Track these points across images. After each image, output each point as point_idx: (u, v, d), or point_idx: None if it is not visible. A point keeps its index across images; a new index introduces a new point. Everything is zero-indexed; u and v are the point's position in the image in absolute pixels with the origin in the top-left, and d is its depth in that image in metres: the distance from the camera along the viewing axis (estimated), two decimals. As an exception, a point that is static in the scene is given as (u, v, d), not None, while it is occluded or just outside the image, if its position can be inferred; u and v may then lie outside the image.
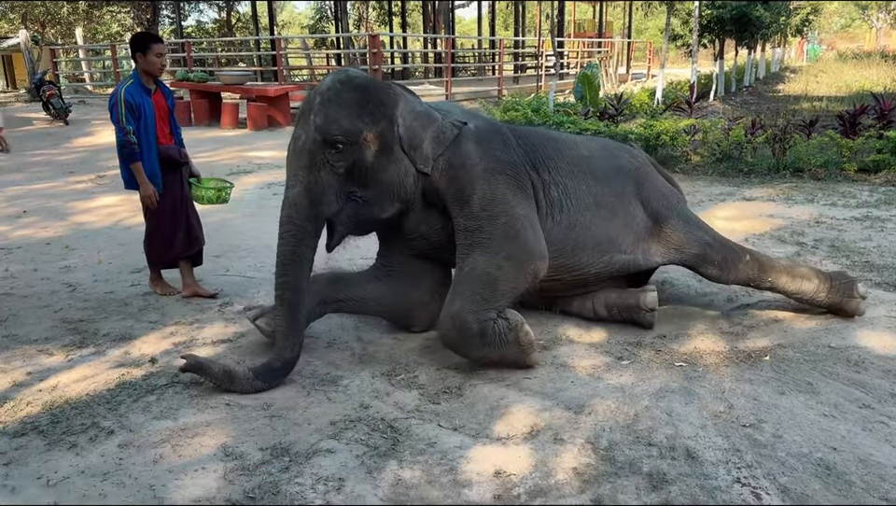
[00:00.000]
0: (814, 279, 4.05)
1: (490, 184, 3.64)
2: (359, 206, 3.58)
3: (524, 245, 3.62)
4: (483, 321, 3.49)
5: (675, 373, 3.54)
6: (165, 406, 3.35)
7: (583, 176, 4.03)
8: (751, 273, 4.09)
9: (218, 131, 14.01)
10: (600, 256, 3.99)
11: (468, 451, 2.93)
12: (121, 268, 5.57)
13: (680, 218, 4.20)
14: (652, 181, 4.29)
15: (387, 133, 3.50)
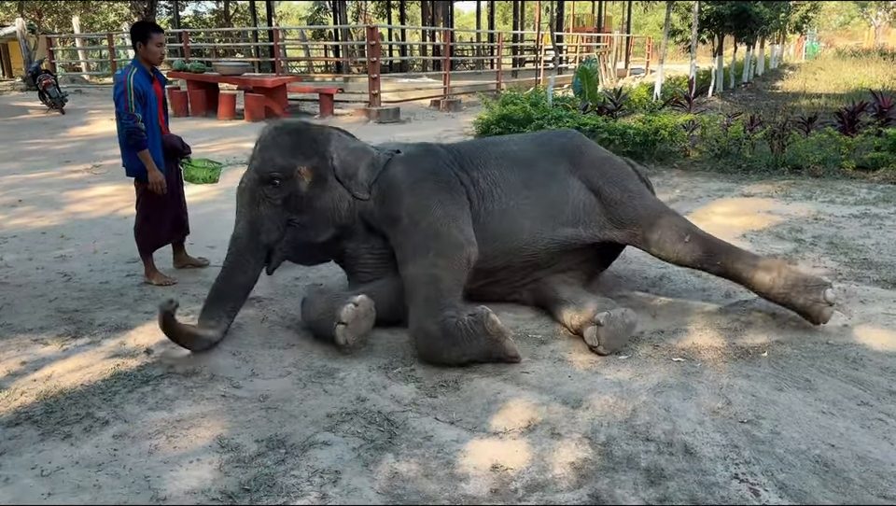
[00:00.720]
0: (772, 271, 3.90)
1: (414, 194, 3.95)
2: (297, 231, 3.97)
3: (448, 239, 3.83)
4: (442, 321, 3.55)
5: (673, 369, 3.53)
6: (161, 397, 3.33)
7: (512, 167, 4.25)
8: (696, 253, 4.03)
9: (215, 122, 13.95)
10: (540, 232, 4.11)
11: (464, 445, 2.92)
12: (117, 258, 5.53)
13: (619, 191, 4.21)
14: (589, 158, 4.38)
15: (320, 165, 3.93)
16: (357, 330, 3.70)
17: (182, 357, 3.71)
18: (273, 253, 4.00)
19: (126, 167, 4.80)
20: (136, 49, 4.61)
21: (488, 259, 4.09)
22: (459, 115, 15.66)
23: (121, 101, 4.49)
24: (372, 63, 14.65)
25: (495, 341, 3.54)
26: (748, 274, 3.95)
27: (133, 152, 4.63)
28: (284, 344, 3.93)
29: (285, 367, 3.65)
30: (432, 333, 3.56)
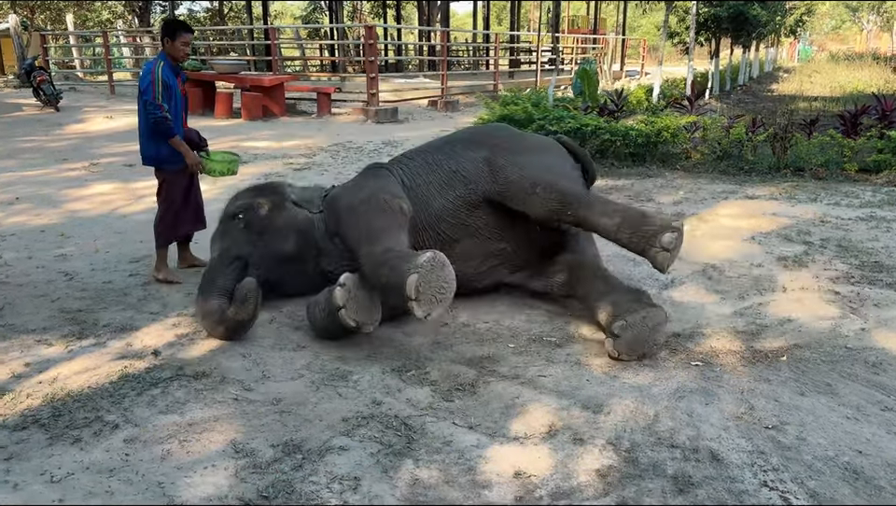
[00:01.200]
0: (615, 217, 3.87)
1: (349, 193, 4.39)
2: (264, 249, 4.35)
3: (375, 199, 4.12)
4: (385, 246, 3.71)
5: (692, 373, 3.48)
6: (171, 400, 3.25)
7: (422, 157, 4.61)
8: (550, 205, 4.05)
9: (212, 120, 13.82)
10: (444, 197, 4.35)
11: (485, 450, 2.85)
12: (119, 257, 5.44)
13: (512, 164, 4.30)
14: (494, 140, 4.60)
15: (277, 199, 4.52)
16: (359, 306, 3.62)
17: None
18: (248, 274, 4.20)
19: (144, 156, 4.84)
20: (164, 44, 4.67)
21: (424, 235, 4.35)
22: (457, 115, 15.60)
23: (149, 90, 4.52)
24: (370, 62, 14.57)
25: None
26: (593, 221, 3.95)
27: (154, 141, 4.70)
28: (294, 345, 3.86)
29: (297, 369, 3.58)
30: (374, 254, 3.67)
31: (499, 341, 3.89)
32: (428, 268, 3.36)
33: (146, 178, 8.34)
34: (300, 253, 4.40)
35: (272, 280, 4.36)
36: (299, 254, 4.39)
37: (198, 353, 3.75)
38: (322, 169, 9.11)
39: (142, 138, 4.77)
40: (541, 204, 4.09)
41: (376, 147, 10.98)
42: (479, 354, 3.73)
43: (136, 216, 6.72)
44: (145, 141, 4.76)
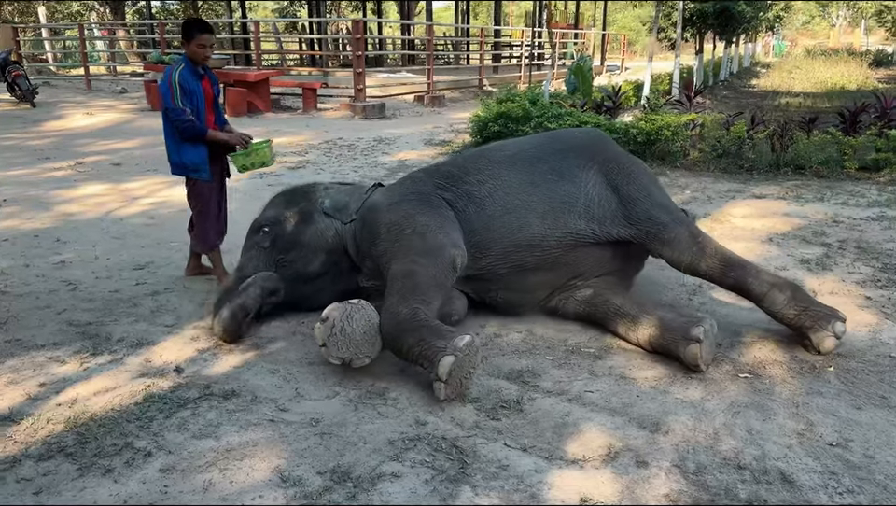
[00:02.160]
0: (786, 291, 3.72)
1: (392, 212, 4.00)
2: (287, 268, 4.16)
3: (432, 240, 3.77)
4: (414, 307, 3.42)
5: (742, 386, 3.37)
6: (203, 422, 3.07)
7: (512, 168, 4.15)
8: (710, 262, 3.83)
9: (196, 116, 13.50)
10: (552, 225, 3.95)
11: (545, 475, 2.72)
12: (121, 264, 5.22)
13: (637, 189, 4.05)
14: (603, 152, 4.23)
15: (306, 207, 4.26)
16: (344, 341, 3.34)
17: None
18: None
19: (174, 164, 4.60)
20: (183, 46, 4.46)
21: (498, 261, 3.98)
22: (445, 111, 15.45)
23: (167, 97, 4.31)
24: (357, 56, 14.34)
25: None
26: (760, 291, 3.75)
27: (184, 148, 4.48)
28: (322, 359, 3.67)
29: (330, 386, 3.41)
30: (400, 315, 3.38)
31: (536, 352, 3.76)
32: (465, 352, 3.20)
33: (136, 179, 8.13)
34: (328, 271, 4.21)
35: (296, 299, 4.20)
36: (327, 272, 4.21)
37: (223, 369, 3.57)
38: (317, 168, 8.90)
39: (171, 146, 4.55)
40: (699, 260, 3.85)
41: (368, 144, 10.79)
42: (517, 367, 3.59)
43: (132, 219, 6.48)
44: (175, 148, 4.53)
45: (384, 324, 3.42)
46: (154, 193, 7.47)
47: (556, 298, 4.14)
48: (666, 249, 3.94)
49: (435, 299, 3.62)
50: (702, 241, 3.91)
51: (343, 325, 3.33)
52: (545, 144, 4.35)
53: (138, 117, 13.27)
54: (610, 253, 4.09)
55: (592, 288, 4.06)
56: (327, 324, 3.31)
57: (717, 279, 3.91)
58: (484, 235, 3.97)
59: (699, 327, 3.46)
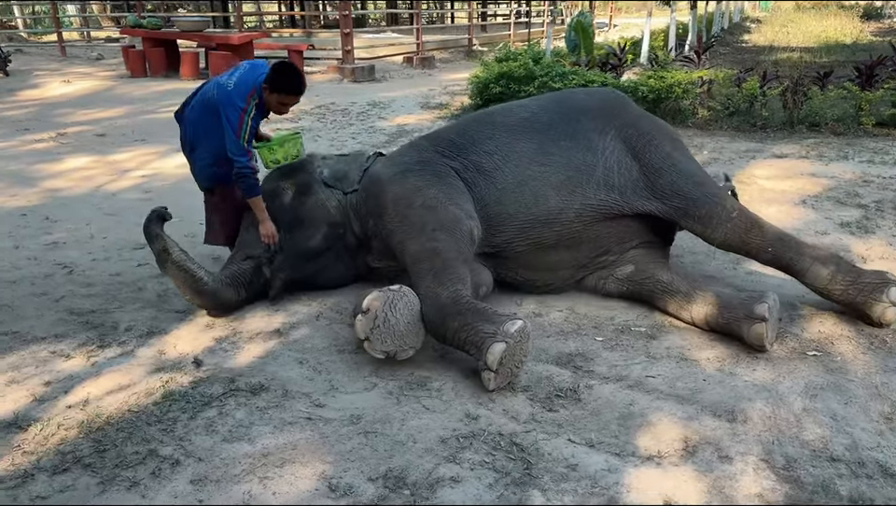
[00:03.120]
0: (830, 265, 3.47)
1: (397, 184, 3.71)
2: (288, 247, 3.82)
3: (445, 213, 3.52)
4: (454, 288, 3.16)
5: (813, 366, 3.12)
6: (232, 423, 2.77)
7: (524, 135, 3.84)
8: (744, 236, 3.57)
9: (178, 82, 12.97)
10: (569, 197, 3.65)
11: (620, 475, 2.46)
12: (119, 244, 4.86)
13: (663, 159, 3.73)
14: (621, 115, 3.91)
15: (304, 178, 3.94)
16: (388, 333, 3.05)
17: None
18: (272, 278, 3.81)
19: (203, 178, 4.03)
20: (263, 89, 3.68)
21: (514, 237, 3.69)
22: (436, 73, 14.99)
23: (233, 127, 3.62)
24: (344, 16, 13.79)
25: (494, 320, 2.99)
26: (801, 266, 3.50)
27: (200, 155, 3.92)
28: (353, 346, 3.39)
29: (365, 377, 3.12)
30: (441, 299, 3.12)
31: (583, 333, 3.49)
32: (517, 339, 2.92)
33: (124, 150, 7.71)
34: (332, 246, 3.90)
35: (302, 278, 3.90)
36: (331, 247, 3.90)
37: (246, 360, 3.27)
38: (313, 135, 8.49)
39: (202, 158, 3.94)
40: (734, 235, 3.59)
41: (362, 108, 10.38)
42: (565, 350, 3.32)
43: (125, 194, 6.09)
44: (209, 163, 3.91)
45: (426, 310, 3.14)
46: (144, 165, 7.06)
47: (594, 276, 3.86)
48: (698, 226, 3.66)
49: (466, 275, 3.36)
50: (737, 216, 3.62)
51: (387, 315, 3.03)
52: (556, 107, 4.00)
53: (118, 84, 12.70)
54: (637, 226, 3.80)
55: (632, 263, 3.78)
56: (369, 316, 3.00)
57: (753, 255, 3.66)
58: (497, 209, 3.68)
59: (763, 304, 3.19)
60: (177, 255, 3.49)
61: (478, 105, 9.69)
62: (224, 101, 3.66)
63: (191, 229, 5.13)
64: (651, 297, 3.66)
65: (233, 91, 3.66)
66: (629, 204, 3.69)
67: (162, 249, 3.48)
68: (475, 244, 3.55)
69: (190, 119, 3.88)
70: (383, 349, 3.05)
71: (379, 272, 3.93)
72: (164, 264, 3.51)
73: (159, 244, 3.49)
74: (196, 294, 3.56)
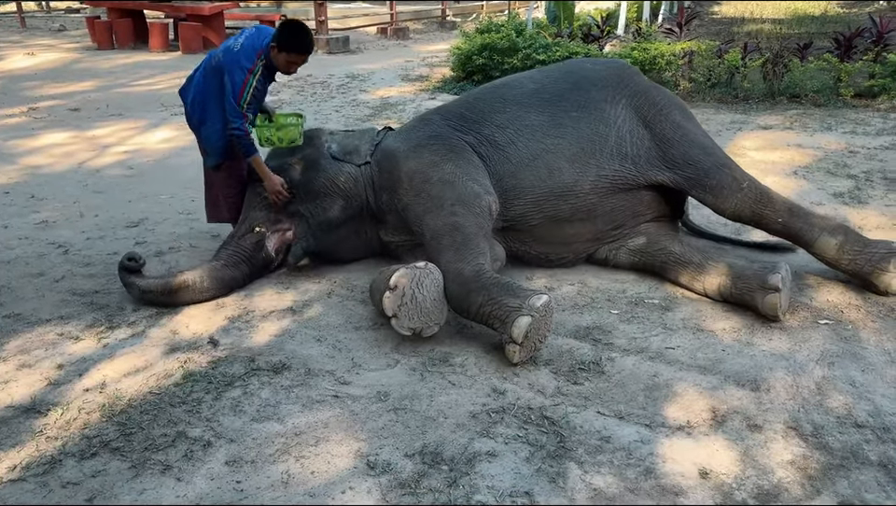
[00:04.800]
0: (838, 234, 3.52)
1: (413, 158, 3.70)
2: (309, 218, 3.80)
3: (463, 188, 3.52)
4: (477, 263, 3.17)
5: (826, 334, 3.18)
6: (259, 403, 2.74)
7: (535, 108, 3.83)
8: (755, 207, 3.62)
9: (147, 54, 12.62)
10: (583, 169, 3.65)
11: (653, 446, 2.49)
12: (111, 222, 4.74)
13: (674, 129, 3.76)
14: (630, 84, 3.91)
15: (311, 153, 3.87)
16: (415, 310, 3.03)
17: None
18: (293, 245, 3.81)
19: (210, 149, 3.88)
20: (271, 48, 3.62)
21: (528, 210, 3.68)
22: (411, 44, 14.80)
23: (234, 90, 3.56)
24: (319, -12, 13.52)
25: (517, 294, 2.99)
26: (810, 236, 3.55)
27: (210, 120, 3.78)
28: (369, 323, 3.37)
29: (387, 354, 3.11)
30: (464, 273, 3.12)
31: (597, 306, 3.50)
32: (543, 313, 2.92)
33: (101, 125, 7.50)
34: (348, 219, 3.85)
35: (322, 250, 3.88)
36: (346, 220, 3.85)
37: (263, 339, 3.23)
38: (295, 109, 8.34)
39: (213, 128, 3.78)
40: (744, 205, 3.63)
41: (342, 81, 10.21)
42: (582, 323, 3.33)
43: (109, 170, 5.93)
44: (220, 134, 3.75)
45: (449, 285, 3.12)
46: (125, 141, 6.88)
47: (605, 248, 3.87)
48: (709, 196, 3.70)
49: (487, 249, 3.36)
50: (747, 186, 3.65)
51: (414, 292, 3.01)
52: (565, 78, 3.98)
53: (84, 56, 12.31)
54: (650, 198, 3.83)
55: (644, 235, 3.81)
56: (396, 293, 2.98)
57: (763, 225, 3.70)
58: (512, 183, 3.67)
59: (776, 274, 3.24)
60: (157, 286, 3.50)
61: (460, 78, 9.63)
62: (230, 62, 3.62)
63: (185, 206, 5.03)
64: (662, 268, 3.69)
65: (240, 52, 3.62)
66: (643, 175, 3.70)
67: (140, 295, 3.52)
68: (493, 219, 3.53)
69: (197, 88, 3.79)
70: (410, 326, 3.03)
71: (391, 246, 3.90)
72: (153, 302, 3.53)
73: (135, 292, 3.53)
74: (198, 294, 3.55)
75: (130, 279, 3.50)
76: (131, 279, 3.49)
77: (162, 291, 3.47)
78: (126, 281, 3.51)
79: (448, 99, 8.74)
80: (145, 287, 3.47)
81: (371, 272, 3.90)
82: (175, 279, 3.49)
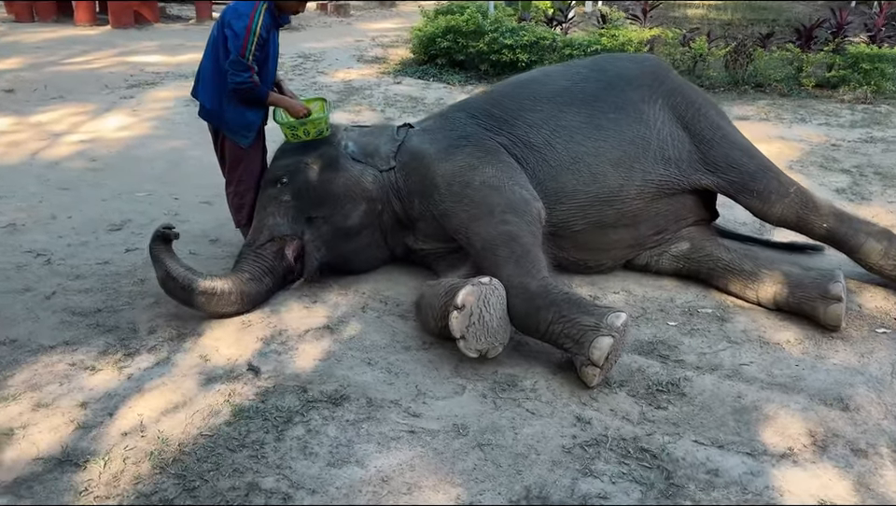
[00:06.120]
0: (883, 240, 3.47)
1: (447, 161, 3.46)
2: (323, 224, 3.51)
3: (510, 194, 3.30)
4: (542, 277, 2.98)
5: (888, 343, 3.15)
6: (329, 443, 2.47)
7: (570, 107, 3.64)
8: (801, 211, 3.54)
9: (73, 29, 11.67)
10: (628, 173, 3.50)
11: (765, 478, 2.37)
12: (90, 224, 4.28)
13: (713, 130, 3.66)
14: (668, 84, 3.77)
15: (329, 152, 3.59)
16: (482, 331, 2.81)
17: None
18: (307, 258, 3.50)
19: (208, 110, 3.57)
20: None
21: (571, 216, 3.49)
22: (354, 21, 14.30)
23: (237, 43, 3.28)
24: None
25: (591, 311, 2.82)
26: (856, 242, 3.50)
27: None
28: (419, 342, 3.12)
29: (448, 378, 2.87)
30: (531, 289, 2.92)
31: (652, 317, 3.36)
32: (623, 332, 2.75)
33: (44, 109, 6.87)
34: (370, 224, 3.58)
35: (336, 261, 3.58)
36: (369, 225, 3.57)
37: (308, 364, 2.93)
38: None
39: (207, 84, 3.51)
40: (791, 211, 3.53)
41: (295, 61, 9.71)
42: (643, 337, 3.18)
43: (69, 163, 5.39)
44: (211, 90, 3.49)
45: (514, 302, 2.90)
46: (78, 128, 6.28)
47: (645, 253, 3.73)
48: (756, 201, 3.60)
49: (545, 261, 3.15)
50: (794, 191, 3.58)
51: (482, 311, 2.78)
52: (598, 76, 3.79)
53: (4, 30, 11.31)
54: (692, 202, 3.71)
55: (687, 241, 3.69)
56: (464, 313, 2.74)
57: (806, 230, 3.63)
58: (553, 187, 3.46)
59: (838, 283, 3.18)
60: (184, 277, 3.11)
61: (422, 61, 9.31)
62: (228, 14, 3.39)
63: (168, 205, 4.61)
64: (710, 276, 3.58)
65: (237, 3, 3.39)
66: (687, 179, 3.57)
67: (166, 275, 3.10)
68: (542, 226, 3.32)
69: (206, 69, 3.51)
70: (477, 348, 2.81)
71: (420, 253, 3.64)
72: (171, 291, 3.14)
73: (161, 269, 3.11)
74: (222, 306, 3.21)
75: (162, 254, 3.09)
76: (163, 254, 3.09)
77: (184, 286, 3.09)
78: (157, 254, 3.09)
79: (414, 83, 8.45)
80: (174, 270, 3.08)
81: (398, 281, 3.66)
82: (203, 281, 3.13)
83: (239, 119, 3.49)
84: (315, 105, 3.73)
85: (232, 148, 3.60)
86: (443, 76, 8.78)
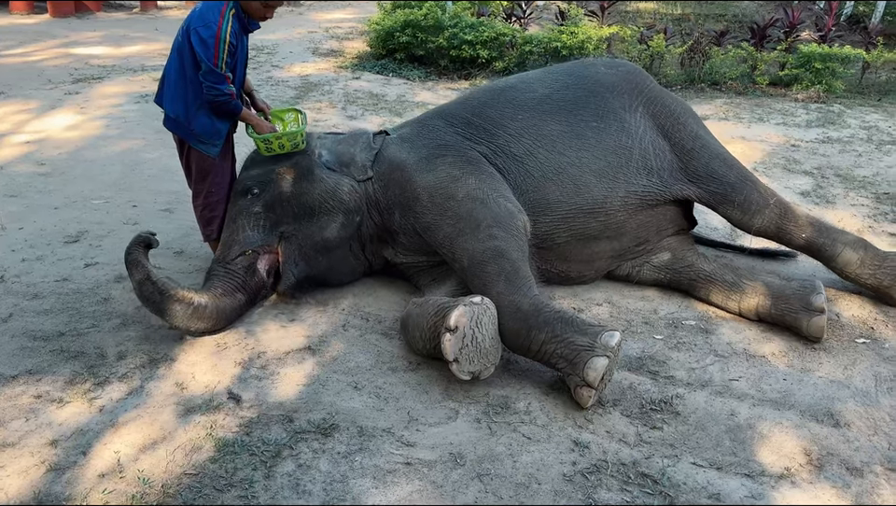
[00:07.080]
0: (859, 249, 3.52)
1: (428, 172, 3.37)
2: (299, 239, 3.40)
3: (496, 207, 3.22)
4: (532, 295, 2.92)
5: (868, 354, 3.18)
6: (322, 479, 2.36)
7: (551, 116, 3.58)
8: (780, 222, 3.56)
9: (9, 18, 11.10)
10: (612, 184, 3.46)
11: (766, 500, 2.36)
12: (44, 236, 4.04)
13: (693, 139, 3.65)
14: (648, 92, 3.74)
15: (303, 161, 3.47)
16: (475, 353, 2.75)
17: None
18: (283, 272, 3.39)
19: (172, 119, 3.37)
20: None
21: (555, 228, 3.44)
22: (305, 10, 13.98)
23: (208, 53, 3.11)
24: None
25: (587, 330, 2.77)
26: (832, 251, 3.54)
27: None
28: (405, 363, 3.02)
29: (439, 402, 2.79)
30: (523, 308, 2.85)
31: (637, 331, 3.33)
32: (617, 352, 2.71)
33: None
34: (348, 237, 3.46)
35: (312, 275, 3.45)
36: (344, 239, 3.45)
37: (291, 390, 2.81)
38: (208, 87, 7.59)
39: (173, 89, 3.31)
40: (771, 221, 3.55)
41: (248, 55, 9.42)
42: (631, 353, 3.15)
43: (16, 166, 5.10)
44: (177, 96, 3.30)
45: (505, 321, 2.83)
46: (22, 128, 5.95)
47: (627, 264, 3.70)
48: (737, 212, 3.60)
49: (530, 273, 3.08)
50: (774, 202, 3.60)
51: (474, 332, 2.70)
52: (577, 83, 3.73)
53: (-69, 17, 10.70)
54: (673, 213, 3.70)
55: (668, 251, 3.67)
56: (457, 335, 2.65)
57: (785, 240, 3.66)
58: (535, 198, 3.40)
59: (820, 295, 3.20)
60: (163, 283, 2.96)
61: (380, 55, 9.15)
62: (193, 21, 3.20)
63: (126, 214, 4.39)
64: (691, 286, 3.57)
65: (201, 9, 3.21)
66: (669, 189, 3.55)
67: (144, 279, 2.93)
68: (528, 236, 3.25)
69: (170, 76, 3.33)
70: (470, 370, 2.73)
71: (400, 267, 3.54)
72: (148, 297, 2.96)
73: (140, 273, 2.94)
74: (196, 320, 3.04)
75: (140, 257, 2.94)
76: (142, 259, 2.94)
77: (162, 291, 2.94)
78: (136, 258, 2.93)
79: (374, 79, 8.29)
80: (153, 274, 2.94)
81: (378, 295, 3.55)
82: (182, 290, 2.99)
83: (207, 128, 3.32)
84: (290, 116, 3.58)
85: (200, 159, 3.42)
86: (403, 71, 8.65)
